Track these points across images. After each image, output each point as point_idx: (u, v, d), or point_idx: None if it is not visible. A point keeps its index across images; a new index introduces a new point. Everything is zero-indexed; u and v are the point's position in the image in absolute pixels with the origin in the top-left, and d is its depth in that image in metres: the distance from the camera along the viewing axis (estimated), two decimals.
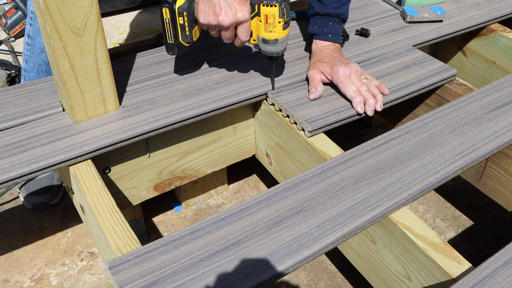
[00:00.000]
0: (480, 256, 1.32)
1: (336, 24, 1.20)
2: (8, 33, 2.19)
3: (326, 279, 1.27)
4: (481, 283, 0.76)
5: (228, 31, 1.04)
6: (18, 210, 1.44)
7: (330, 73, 1.13)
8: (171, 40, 1.08)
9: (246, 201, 0.89)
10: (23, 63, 1.34)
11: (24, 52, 1.33)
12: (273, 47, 1.07)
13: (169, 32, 1.07)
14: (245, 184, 1.54)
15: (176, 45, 1.08)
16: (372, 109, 1.08)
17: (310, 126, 1.05)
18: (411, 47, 1.33)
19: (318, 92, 1.13)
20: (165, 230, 1.40)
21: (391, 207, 0.88)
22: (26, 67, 1.33)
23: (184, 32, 1.06)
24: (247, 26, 1.04)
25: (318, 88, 1.13)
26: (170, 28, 1.06)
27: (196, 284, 0.75)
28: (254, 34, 1.07)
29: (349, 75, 1.11)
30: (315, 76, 1.14)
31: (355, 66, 1.12)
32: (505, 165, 1.15)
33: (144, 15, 2.44)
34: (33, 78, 1.32)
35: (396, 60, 1.27)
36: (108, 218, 0.88)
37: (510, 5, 1.52)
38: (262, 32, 1.05)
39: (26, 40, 1.32)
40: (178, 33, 1.07)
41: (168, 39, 1.08)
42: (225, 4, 1.00)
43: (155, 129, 1.04)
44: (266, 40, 1.06)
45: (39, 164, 0.94)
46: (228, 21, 1.01)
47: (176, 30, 1.06)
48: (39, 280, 1.26)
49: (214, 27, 1.04)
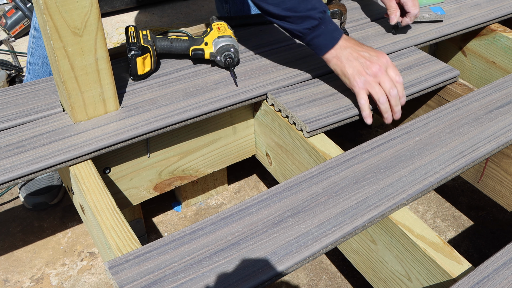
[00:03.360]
0: (480, 256, 1.32)
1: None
2: (8, 33, 2.18)
3: (326, 279, 1.27)
4: (481, 283, 0.76)
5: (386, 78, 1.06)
6: (18, 210, 1.44)
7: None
8: None
9: (246, 201, 0.89)
10: (28, 56, 1.34)
11: (29, 45, 1.33)
12: None
13: None
14: (245, 184, 1.54)
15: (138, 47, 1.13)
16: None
17: (309, 127, 1.05)
18: (414, 47, 1.33)
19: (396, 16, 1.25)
20: (165, 230, 1.40)
21: (391, 207, 0.88)
22: (31, 60, 1.33)
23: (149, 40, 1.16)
24: (394, 67, 1.08)
25: None
26: None
27: (196, 284, 0.75)
28: None
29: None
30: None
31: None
32: (505, 165, 1.15)
33: (144, 15, 2.44)
34: (38, 71, 1.32)
35: (399, 60, 1.27)
36: (108, 218, 0.88)
37: (510, 5, 1.52)
38: None
39: (32, 33, 1.31)
40: None
41: None
42: (366, 55, 1.06)
43: (155, 129, 1.04)
44: None
45: (39, 164, 0.95)
46: None
47: None
48: (39, 280, 1.26)
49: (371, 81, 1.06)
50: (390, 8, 1.27)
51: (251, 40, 1.33)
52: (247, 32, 1.37)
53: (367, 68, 1.06)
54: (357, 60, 1.06)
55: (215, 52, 1.18)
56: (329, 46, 1.07)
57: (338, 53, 1.07)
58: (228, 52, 1.17)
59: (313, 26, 1.05)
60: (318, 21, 1.05)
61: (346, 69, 1.06)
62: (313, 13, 1.04)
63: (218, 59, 1.18)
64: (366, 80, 1.05)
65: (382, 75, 1.06)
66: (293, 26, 1.06)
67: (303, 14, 1.04)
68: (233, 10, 1.57)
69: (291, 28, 1.07)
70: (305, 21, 1.05)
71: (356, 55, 1.06)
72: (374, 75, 1.05)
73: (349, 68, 1.06)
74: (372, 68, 1.05)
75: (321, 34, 1.06)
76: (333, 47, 1.07)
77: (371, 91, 1.06)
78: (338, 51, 1.07)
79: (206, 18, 2.42)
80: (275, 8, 1.05)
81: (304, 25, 1.05)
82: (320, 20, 1.05)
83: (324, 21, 1.06)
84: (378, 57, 1.07)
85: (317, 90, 1.16)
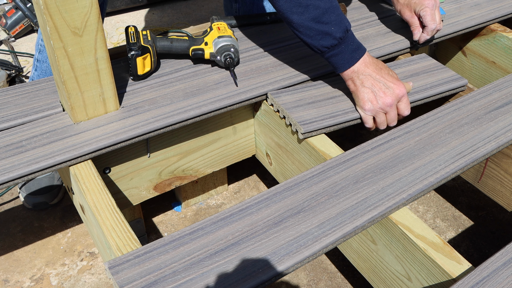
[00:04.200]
0: (480, 256, 1.32)
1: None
2: (8, 33, 2.18)
3: (326, 279, 1.27)
4: (481, 283, 0.76)
5: (392, 110, 1.08)
6: (18, 210, 1.44)
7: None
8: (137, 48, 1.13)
9: (246, 201, 0.89)
10: (36, 53, 1.34)
11: (37, 42, 1.33)
12: None
13: None
14: (245, 184, 1.54)
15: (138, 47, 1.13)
16: None
17: (303, 128, 1.04)
18: (424, 54, 1.31)
19: None
20: (165, 230, 1.40)
21: (391, 207, 0.88)
22: (39, 57, 1.33)
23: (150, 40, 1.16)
24: (407, 101, 1.09)
25: None
26: None
27: (196, 284, 0.75)
28: None
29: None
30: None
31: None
32: (505, 165, 1.15)
33: (144, 15, 2.44)
34: (45, 68, 1.32)
35: (406, 67, 1.26)
36: (108, 218, 0.88)
37: (510, 5, 1.52)
38: None
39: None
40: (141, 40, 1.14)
41: None
42: (382, 86, 1.06)
43: (155, 129, 1.04)
44: None
45: (39, 164, 0.95)
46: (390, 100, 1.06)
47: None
48: (39, 280, 1.26)
49: (378, 111, 1.07)
50: (412, 25, 1.27)
51: (251, 40, 1.33)
52: (247, 32, 1.37)
53: (380, 99, 1.06)
54: (371, 88, 1.06)
55: (215, 52, 1.18)
56: (346, 67, 1.06)
57: (353, 76, 1.07)
58: (228, 52, 1.17)
59: (332, 46, 1.04)
60: (337, 41, 1.04)
61: (359, 93, 1.07)
62: (335, 30, 1.02)
63: (218, 59, 1.18)
64: (374, 109, 1.07)
65: (391, 109, 1.08)
66: (312, 42, 1.05)
67: (324, 29, 1.02)
68: (242, 10, 1.56)
69: (310, 43, 1.05)
70: (324, 38, 1.03)
71: (371, 83, 1.06)
72: (383, 108, 1.07)
73: (362, 94, 1.07)
74: (384, 100, 1.06)
75: (339, 53, 1.05)
76: (350, 67, 1.06)
77: (376, 117, 1.09)
78: (354, 74, 1.07)
79: (206, 18, 2.42)
80: (298, 18, 1.01)
81: (323, 42, 1.04)
82: (340, 40, 1.04)
83: (345, 41, 1.04)
84: (393, 89, 1.06)
85: (318, 92, 1.16)
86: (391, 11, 1.49)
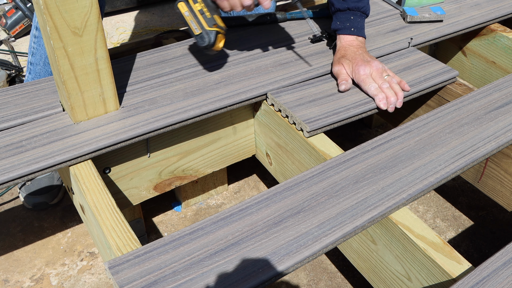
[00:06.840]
0: (480, 256, 1.32)
1: (357, 18, 1.22)
2: (8, 33, 2.19)
3: (326, 279, 1.27)
4: (481, 283, 0.76)
5: None
6: (18, 210, 1.44)
7: (351, 73, 1.15)
8: (197, 31, 1.10)
9: (246, 201, 0.89)
10: (29, 56, 1.33)
11: (30, 45, 1.32)
12: None
13: (192, 23, 1.09)
14: (245, 184, 1.54)
15: (205, 33, 1.10)
16: (392, 106, 1.11)
17: (309, 126, 1.05)
18: (413, 48, 1.33)
19: (349, 84, 1.15)
20: (165, 230, 1.40)
21: (391, 207, 0.88)
22: (32, 60, 1.32)
23: (205, 16, 1.09)
24: None
25: (349, 80, 1.15)
26: (193, 20, 1.09)
27: (196, 284, 0.75)
28: None
29: (370, 73, 1.13)
30: (342, 70, 1.16)
31: (376, 64, 1.14)
32: (505, 165, 1.15)
33: (144, 15, 2.44)
34: (39, 71, 1.32)
35: (398, 61, 1.27)
36: (108, 218, 0.88)
37: (510, 5, 1.52)
38: None
39: (33, 33, 1.31)
40: (200, 20, 1.09)
41: (194, 31, 1.10)
42: None
43: (155, 129, 1.04)
44: None
45: (39, 164, 0.95)
46: None
47: (197, 18, 1.09)
48: (39, 280, 1.26)
49: None
50: None
51: (251, 40, 1.33)
52: (247, 32, 1.37)
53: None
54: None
55: None
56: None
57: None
58: None
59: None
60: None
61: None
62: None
63: None
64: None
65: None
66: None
67: None
68: None
69: None
70: None
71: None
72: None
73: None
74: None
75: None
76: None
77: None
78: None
79: None
80: None
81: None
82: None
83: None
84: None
85: (317, 90, 1.16)
86: (391, 11, 1.49)
